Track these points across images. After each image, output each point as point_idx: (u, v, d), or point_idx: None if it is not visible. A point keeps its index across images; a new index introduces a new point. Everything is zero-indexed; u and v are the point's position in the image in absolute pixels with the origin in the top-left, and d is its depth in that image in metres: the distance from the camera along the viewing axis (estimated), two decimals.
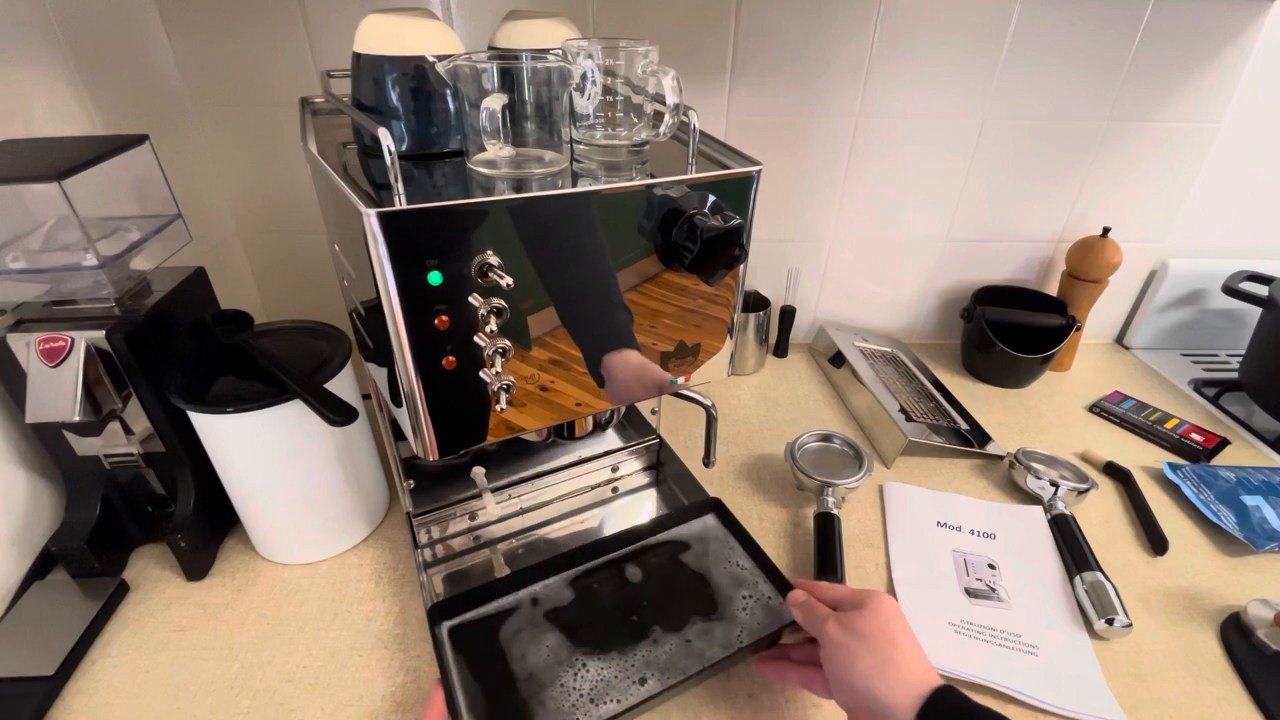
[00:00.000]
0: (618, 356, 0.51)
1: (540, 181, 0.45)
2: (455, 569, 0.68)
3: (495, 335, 0.44)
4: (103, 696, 0.56)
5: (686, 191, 0.46)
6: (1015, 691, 0.56)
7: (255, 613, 0.64)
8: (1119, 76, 0.90)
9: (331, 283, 0.64)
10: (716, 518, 0.68)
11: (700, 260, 0.45)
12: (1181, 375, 1.05)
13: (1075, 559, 0.68)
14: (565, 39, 0.50)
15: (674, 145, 0.54)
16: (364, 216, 0.38)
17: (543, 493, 0.74)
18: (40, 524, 0.68)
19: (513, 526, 0.73)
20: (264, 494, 0.65)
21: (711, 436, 0.66)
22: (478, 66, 0.42)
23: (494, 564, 0.68)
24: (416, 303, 0.41)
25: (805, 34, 0.85)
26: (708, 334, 0.55)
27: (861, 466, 0.76)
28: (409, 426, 0.47)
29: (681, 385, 0.56)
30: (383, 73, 0.47)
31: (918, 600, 0.65)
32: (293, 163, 0.89)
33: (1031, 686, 0.57)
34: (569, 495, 0.76)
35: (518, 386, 0.48)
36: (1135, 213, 1.01)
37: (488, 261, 0.42)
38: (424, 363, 0.44)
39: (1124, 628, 0.60)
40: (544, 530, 0.73)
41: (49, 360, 0.57)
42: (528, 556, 0.69)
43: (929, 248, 1.04)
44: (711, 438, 0.66)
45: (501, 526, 0.72)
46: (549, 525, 0.73)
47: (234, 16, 0.80)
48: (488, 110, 0.40)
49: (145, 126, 0.68)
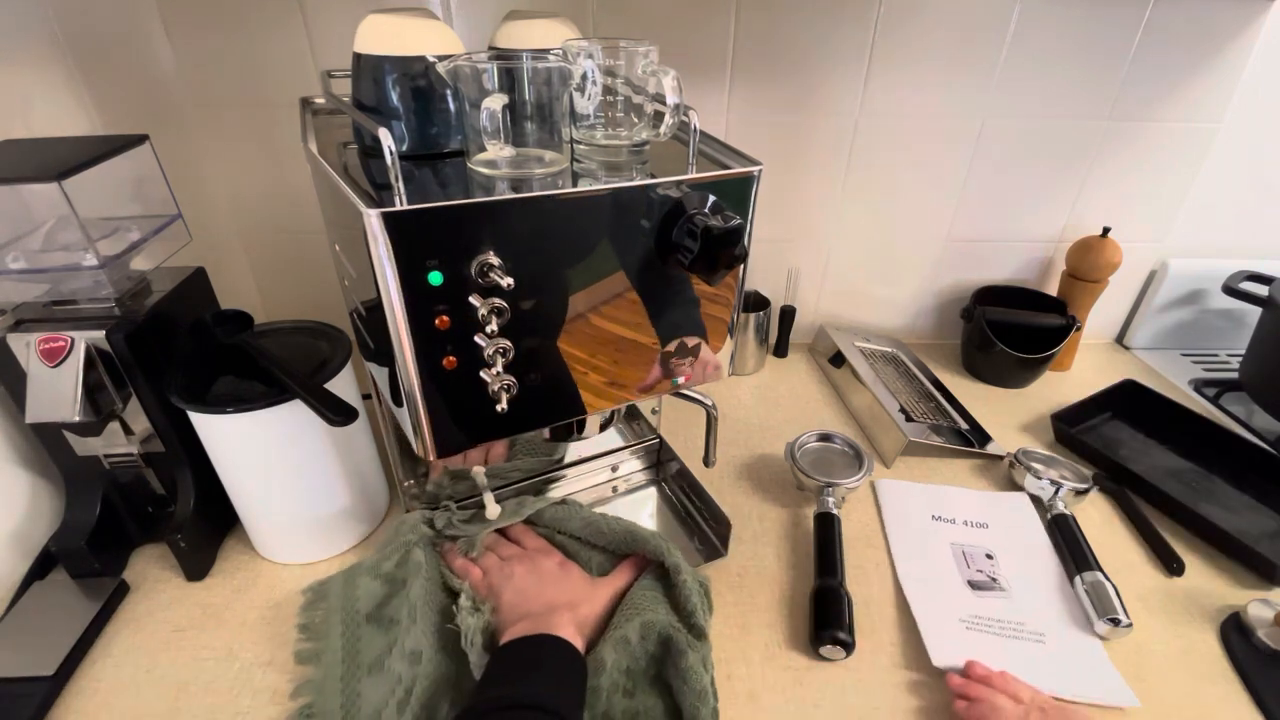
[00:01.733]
0: None
1: (540, 182, 0.45)
2: None
3: (495, 335, 0.44)
4: (103, 696, 0.56)
5: (687, 191, 0.46)
6: (1035, 683, 0.56)
7: (255, 613, 0.63)
8: (1119, 76, 0.90)
9: (332, 282, 0.64)
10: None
11: (700, 260, 0.45)
12: (1181, 375, 1.05)
13: (1075, 559, 0.68)
14: (566, 39, 0.50)
15: (673, 145, 0.54)
16: (365, 216, 0.38)
17: (543, 493, 0.74)
18: (40, 524, 0.68)
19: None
20: (264, 494, 0.65)
21: (712, 436, 0.66)
22: (478, 66, 0.42)
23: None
24: (417, 303, 0.41)
25: (805, 34, 0.85)
26: (709, 334, 0.55)
27: (862, 466, 0.76)
28: (409, 426, 0.47)
29: (682, 385, 0.56)
30: (383, 73, 0.47)
31: (926, 598, 0.65)
32: (292, 163, 0.89)
33: (1048, 677, 0.57)
34: (569, 495, 0.75)
35: (519, 386, 0.48)
36: (1135, 213, 1.01)
37: (488, 262, 0.42)
38: (424, 363, 0.44)
39: (1124, 628, 0.60)
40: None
41: (49, 360, 0.57)
42: None
43: (929, 248, 1.04)
44: (712, 437, 0.66)
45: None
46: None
47: (234, 17, 0.80)
48: (488, 110, 0.40)
49: (145, 126, 0.68)
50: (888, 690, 0.58)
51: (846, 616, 0.60)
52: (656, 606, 0.57)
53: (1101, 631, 0.61)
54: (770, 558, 0.70)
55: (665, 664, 0.55)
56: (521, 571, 0.59)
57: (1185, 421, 0.88)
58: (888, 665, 0.60)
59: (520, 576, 0.59)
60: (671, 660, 0.54)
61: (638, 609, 0.56)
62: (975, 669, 0.56)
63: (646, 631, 0.55)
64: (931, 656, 0.59)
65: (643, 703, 0.53)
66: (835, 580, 0.64)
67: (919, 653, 0.60)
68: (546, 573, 0.59)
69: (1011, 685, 0.54)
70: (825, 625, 0.59)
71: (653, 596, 0.58)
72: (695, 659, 0.54)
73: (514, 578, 0.59)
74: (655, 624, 0.55)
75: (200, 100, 0.85)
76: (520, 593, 0.57)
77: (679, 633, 0.55)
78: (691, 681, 0.52)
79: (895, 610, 0.65)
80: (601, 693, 0.52)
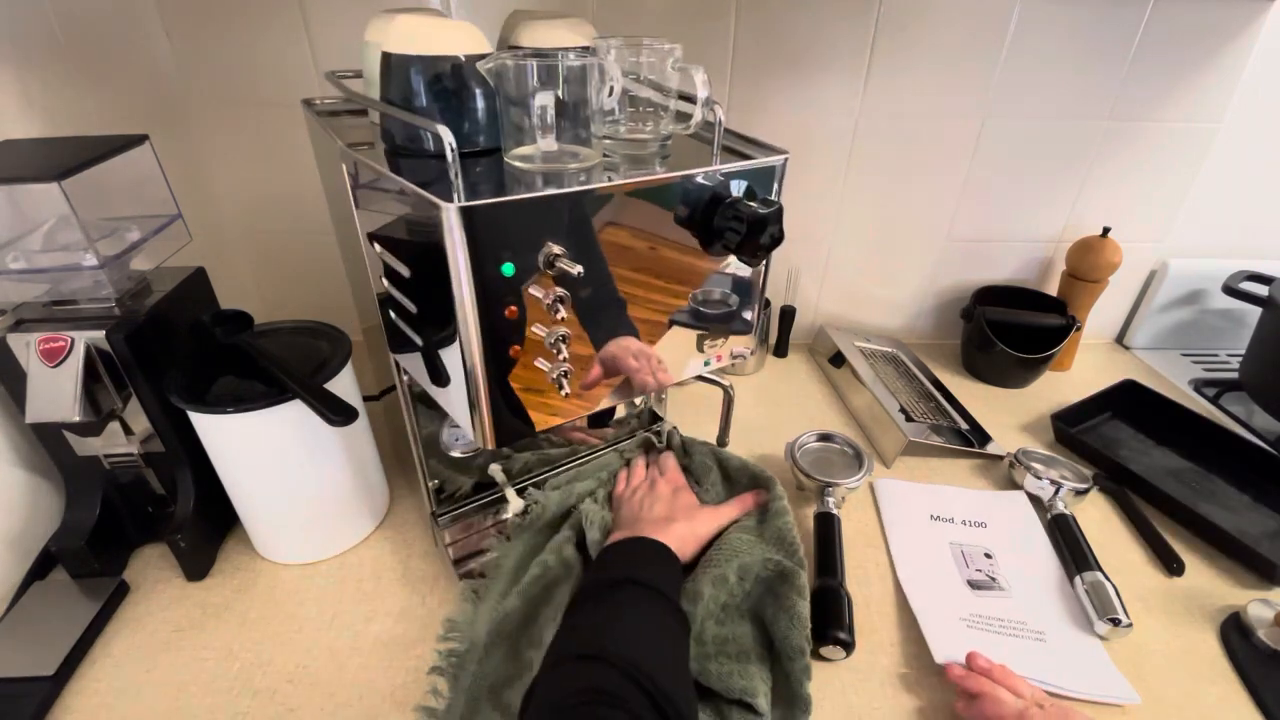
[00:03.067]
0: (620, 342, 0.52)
1: (574, 175, 0.46)
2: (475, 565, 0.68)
3: (557, 323, 0.46)
4: (103, 696, 0.56)
5: (721, 180, 0.49)
6: (1038, 681, 0.56)
7: (255, 613, 0.64)
8: (1119, 76, 0.90)
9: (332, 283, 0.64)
10: None
11: (745, 241, 0.47)
12: (1182, 375, 1.05)
13: (1075, 559, 0.68)
14: (591, 38, 0.52)
15: (688, 140, 0.56)
16: (444, 211, 0.39)
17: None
18: (40, 524, 0.68)
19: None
20: (264, 494, 0.65)
21: (728, 417, 0.68)
22: (521, 65, 0.43)
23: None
24: (489, 294, 0.42)
25: (805, 34, 0.85)
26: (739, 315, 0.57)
27: (862, 467, 0.76)
28: (465, 419, 0.48)
29: (711, 368, 0.59)
30: (419, 72, 0.48)
31: (926, 598, 0.65)
32: (293, 162, 0.89)
33: (1051, 674, 0.57)
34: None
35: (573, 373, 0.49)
36: (1135, 213, 1.01)
37: (553, 251, 0.43)
38: (492, 353, 0.45)
39: (1124, 628, 0.61)
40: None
41: (49, 360, 0.57)
42: None
43: (929, 248, 1.04)
44: (728, 418, 0.68)
45: None
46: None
47: (234, 17, 0.80)
48: (540, 106, 0.43)
49: (145, 126, 0.68)
50: (888, 690, 0.58)
51: (847, 616, 0.60)
52: (754, 549, 0.63)
53: (1102, 632, 0.61)
54: None
55: (764, 598, 0.61)
56: (643, 490, 0.70)
57: (1185, 421, 0.88)
58: (888, 665, 0.60)
59: (640, 494, 0.70)
60: (774, 591, 0.60)
61: (736, 551, 0.62)
62: (977, 660, 0.57)
63: (744, 574, 0.61)
64: (933, 653, 0.59)
65: (732, 630, 0.59)
66: (835, 580, 0.64)
67: (919, 652, 0.60)
68: (661, 494, 0.69)
69: (1011, 679, 0.54)
70: (826, 625, 0.59)
71: (750, 541, 0.64)
72: (802, 584, 0.60)
73: (635, 494, 0.70)
74: (752, 567, 0.61)
75: (200, 100, 0.85)
76: (636, 506, 0.68)
77: (786, 562, 0.61)
78: (791, 607, 0.58)
79: (895, 610, 0.65)
80: (696, 618, 0.57)
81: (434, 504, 0.69)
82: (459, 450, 0.69)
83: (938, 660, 0.58)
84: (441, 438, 0.68)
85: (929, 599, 0.65)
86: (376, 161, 0.49)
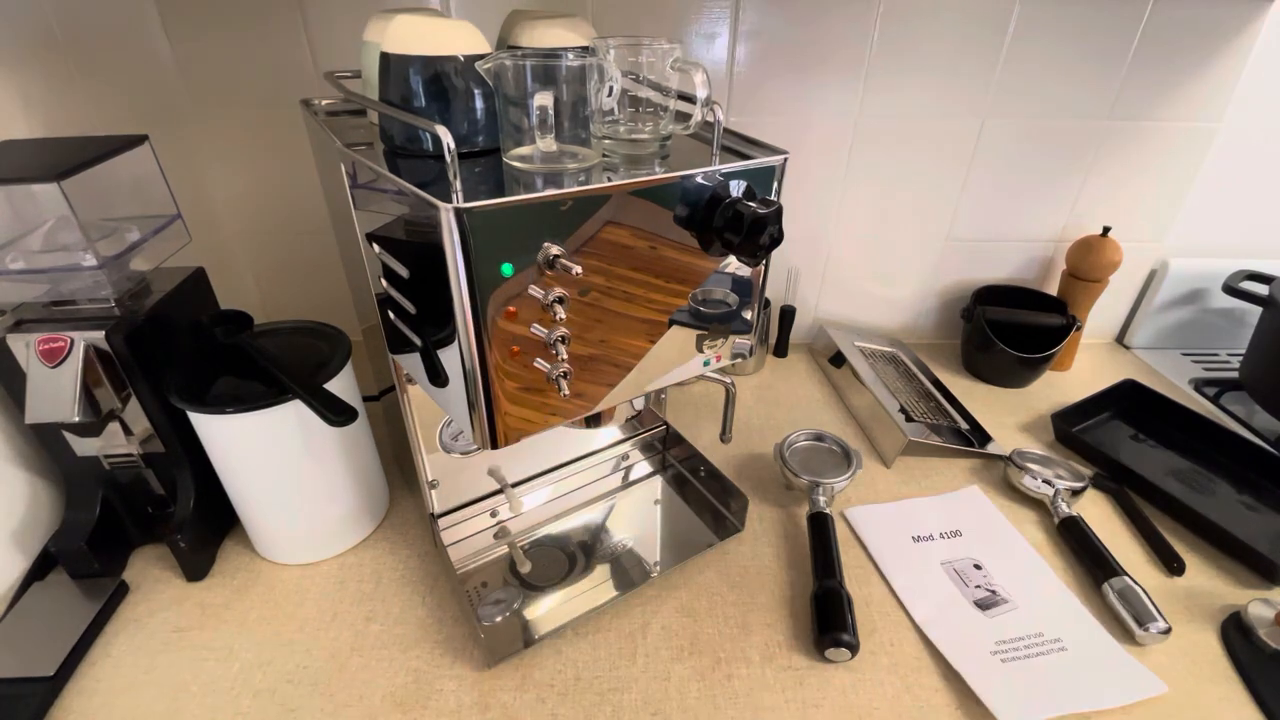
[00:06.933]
0: None
1: (573, 176, 0.46)
2: (473, 565, 0.68)
3: (556, 323, 0.45)
4: (103, 697, 0.56)
5: (721, 179, 0.49)
6: (1075, 710, 0.55)
7: (255, 613, 0.64)
8: (1119, 76, 0.90)
9: (331, 283, 0.64)
10: None
11: (745, 241, 0.47)
12: (1182, 375, 1.05)
13: (1098, 565, 0.67)
14: (590, 38, 0.51)
15: (688, 140, 0.56)
16: (442, 212, 0.39)
17: (557, 486, 0.76)
18: (40, 524, 0.68)
19: (528, 521, 0.74)
20: (263, 494, 0.65)
21: (729, 414, 0.68)
22: (519, 65, 0.43)
23: (515, 558, 0.69)
24: (487, 295, 0.42)
25: (805, 34, 0.85)
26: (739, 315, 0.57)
27: (850, 465, 0.76)
28: (466, 420, 0.48)
29: (712, 367, 0.58)
30: (418, 72, 0.48)
31: (952, 639, 0.62)
32: (292, 162, 0.89)
33: (1086, 694, 0.56)
34: (581, 486, 0.77)
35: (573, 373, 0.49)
36: (1135, 212, 1.01)
37: (553, 252, 0.43)
38: (491, 355, 0.45)
39: (1161, 633, 0.60)
40: (559, 522, 0.74)
41: (49, 360, 0.57)
42: (545, 549, 0.71)
43: (929, 248, 1.04)
44: (729, 415, 0.68)
45: (515, 522, 0.73)
46: (563, 517, 0.74)
47: (234, 17, 0.80)
48: (539, 106, 0.42)
49: (145, 126, 0.68)
50: (888, 690, 0.58)
51: (849, 618, 0.60)
52: None
53: (1144, 641, 0.61)
54: (770, 557, 0.70)
55: None
56: None
57: (1186, 421, 0.88)
58: (888, 665, 0.60)
59: None
60: None
61: None
62: None
63: None
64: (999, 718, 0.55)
65: None
66: (835, 581, 0.64)
67: (919, 651, 0.61)
68: None
69: None
70: (829, 628, 0.59)
71: None
72: None
73: None
74: None
75: (200, 100, 0.85)
76: None
77: None
78: None
79: (895, 610, 0.65)
80: None
81: (434, 504, 0.69)
82: (459, 450, 0.69)
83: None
84: (441, 438, 0.68)
85: (954, 639, 0.62)
86: (375, 162, 0.49)
